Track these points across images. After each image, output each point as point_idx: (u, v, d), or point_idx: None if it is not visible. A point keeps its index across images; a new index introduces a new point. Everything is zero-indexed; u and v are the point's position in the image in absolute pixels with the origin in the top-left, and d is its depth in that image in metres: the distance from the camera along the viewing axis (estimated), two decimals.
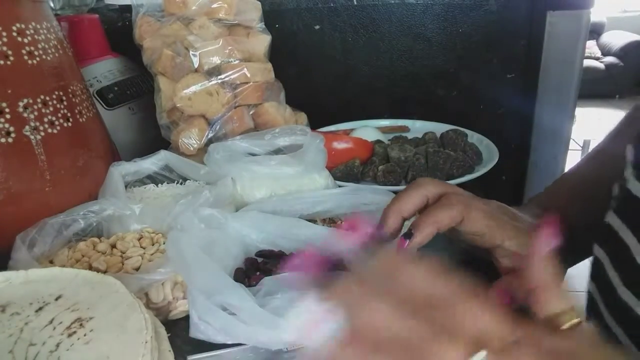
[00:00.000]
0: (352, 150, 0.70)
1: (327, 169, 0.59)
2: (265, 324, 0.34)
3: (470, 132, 0.76)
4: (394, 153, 0.68)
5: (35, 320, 0.32)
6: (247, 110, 0.66)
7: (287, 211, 0.51)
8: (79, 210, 0.49)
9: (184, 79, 0.62)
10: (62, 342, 0.30)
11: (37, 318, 0.32)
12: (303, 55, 0.88)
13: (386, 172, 0.65)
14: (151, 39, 0.64)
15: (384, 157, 0.70)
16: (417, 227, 0.36)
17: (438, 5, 0.81)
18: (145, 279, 0.40)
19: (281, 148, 0.60)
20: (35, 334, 0.31)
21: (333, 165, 0.66)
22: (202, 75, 0.63)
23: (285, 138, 0.59)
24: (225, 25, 0.65)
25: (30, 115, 0.48)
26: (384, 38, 0.86)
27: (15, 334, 0.31)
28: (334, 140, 0.70)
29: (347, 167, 0.67)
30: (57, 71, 0.52)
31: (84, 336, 0.31)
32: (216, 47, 0.63)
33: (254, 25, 0.67)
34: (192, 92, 0.62)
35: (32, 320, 0.32)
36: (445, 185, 0.40)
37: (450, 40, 0.84)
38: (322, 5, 0.84)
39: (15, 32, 0.47)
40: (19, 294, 0.34)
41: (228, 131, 0.65)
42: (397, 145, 0.70)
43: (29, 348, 0.30)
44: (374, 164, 0.68)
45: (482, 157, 0.72)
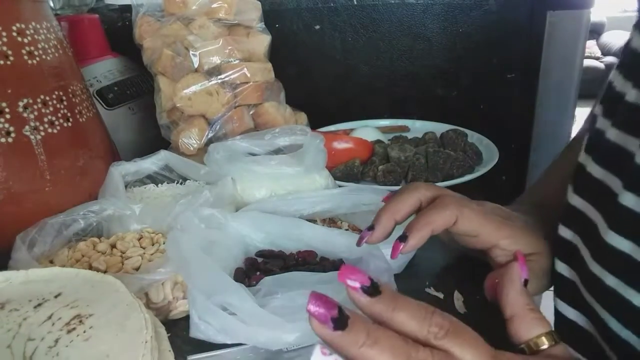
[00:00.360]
0: (352, 150, 0.70)
1: (327, 169, 0.59)
2: (265, 324, 0.34)
3: (470, 132, 0.76)
4: (394, 153, 0.68)
5: (33, 316, 0.32)
6: (247, 110, 0.66)
7: (287, 211, 0.51)
8: (79, 210, 0.49)
9: (184, 79, 0.62)
10: (61, 338, 0.30)
11: (35, 314, 0.32)
12: (303, 55, 0.88)
13: (386, 172, 0.65)
14: (151, 38, 0.64)
15: (384, 157, 0.70)
16: (411, 229, 0.36)
17: (438, 5, 0.81)
18: (145, 279, 0.40)
19: (281, 148, 0.60)
20: (34, 330, 0.31)
21: (333, 165, 0.66)
22: (202, 75, 0.63)
23: (285, 138, 0.59)
24: (225, 25, 0.65)
25: (30, 115, 0.48)
26: (384, 38, 0.86)
27: (13, 329, 0.31)
28: (334, 140, 0.70)
29: (347, 167, 0.67)
30: (57, 71, 0.52)
31: (83, 333, 0.30)
32: (216, 47, 0.63)
33: (254, 25, 0.67)
34: (192, 92, 0.62)
35: (30, 316, 0.32)
36: (439, 189, 0.41)
37: (450, 40, 0.84)
38: (322, 5, 0.84)
39: (15, 32, 0.47)
40: (19, 293, 0.34)
41: (228, 131, 0.64)
42: (397, 145, 0.70)
43: (27, 343, 0.30)
44: (374, 164, 0.68)
45: (482, 157, 0.72)
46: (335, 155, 0.67)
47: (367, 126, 0.82)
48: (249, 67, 0.64)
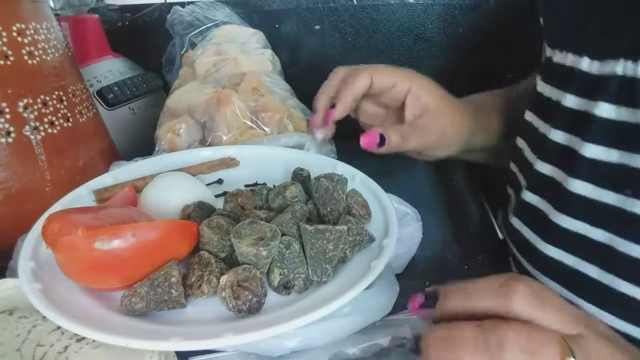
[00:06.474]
0: (144, 250, 0.32)
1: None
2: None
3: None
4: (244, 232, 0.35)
5: (43, 324, 0.32)
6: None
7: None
8: None
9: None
10: (71, 345, 0.30)
11: (45, 322, 0.32)
12: (303, 55, 0.88)
13: (236, 285, 0.33)
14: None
15: (220, 246, 0.36)
16: (337, 101, 0.45)
17: (438, 5, 0.81)
18: None
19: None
20: (43, 336, 0.31)
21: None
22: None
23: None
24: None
25: (30, 115, 0.48)
26: (384, 38, 0.85)
27: (22, 335, 0.31)
28: (99, 238, 0.30)
29: (152, 288, 0.32)
30: (57, 71, 0.52)
31: (92, 341, 0.31)
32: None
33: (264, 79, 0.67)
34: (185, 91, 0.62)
35: (40, 324, 0.32)
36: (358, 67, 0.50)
37: (450, 40, 0.84)
38: (322, 5, 0.84)
39: (15, 32, 0.47)
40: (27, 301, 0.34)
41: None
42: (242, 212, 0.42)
43: (36, 348, 0.30)
44: (208, 267, 0.34)
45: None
46: (104, 269, 0.31)
47: (170, 173, 0.47)
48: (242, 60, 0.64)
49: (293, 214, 0.39)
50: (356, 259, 0.38)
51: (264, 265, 0.35)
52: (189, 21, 0.72)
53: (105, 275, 0.32)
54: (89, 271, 0.31)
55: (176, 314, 0.33)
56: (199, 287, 0.33)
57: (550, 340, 0.23)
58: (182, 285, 0.32)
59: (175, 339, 0.28)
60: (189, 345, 0.28)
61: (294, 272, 0.35)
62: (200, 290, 0.33)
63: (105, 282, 0.33)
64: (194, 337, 0.29)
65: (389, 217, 0.41)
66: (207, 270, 0.34)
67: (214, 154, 0.55)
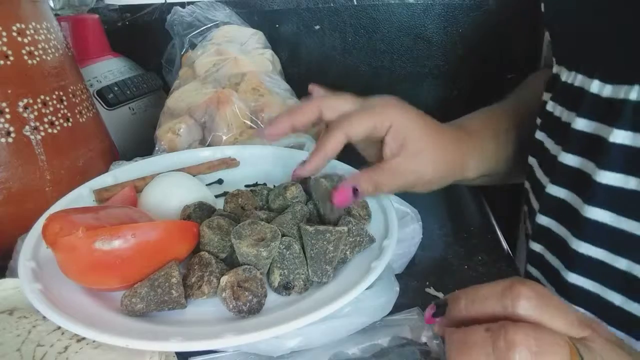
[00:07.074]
0: (146, 251, 0.32)
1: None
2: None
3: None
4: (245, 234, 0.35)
5: (43, 325, 0.32)
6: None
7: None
8: None
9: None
10: (71, 346, 0.30)
11: (44, 322, 0.32)
12: (303, 55, 0.88)
13: (236, 285, 0.33)
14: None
15: (220, 247, 0.37)
16: (308, 160, 0.39)
17: (438, 5, 0.81)
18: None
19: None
20: (43, 337, 0.31)
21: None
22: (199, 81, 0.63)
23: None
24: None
25: (30, 115, 0.48)
26: (384, 38, 0.85)
27: (22, 335, 0.31)
28: (99, 238, 0.30)
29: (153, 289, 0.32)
30: (57, 71, 0.52)
31: (92, 341, 0.31)
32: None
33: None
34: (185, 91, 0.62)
35: (40, 325, 0.32)
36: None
37: (450, 40, 0.84)
38: (322, 5, 0.84)
39: (15, 32, 0.47)
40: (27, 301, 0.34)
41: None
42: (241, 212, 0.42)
43: (36, 348, 0.30)
44: (208, 267, 0.35)
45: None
46: (104, 269, 0.31)
47: (170, 173, 0.48)
48: (241, 61, 0.64)
49: (293, 214, 0.39)
50: (356, 259, 0.38)
51: (264, 266, 0.35)
52: (189, 21, 0.73)
53: (105, 276, 0.32)
54: (89, 271, 0.31)
55: (176, 315, 0.33)
56: (199, 287, 0.33)
57: (559, 341, 0.23)
58: (182, 285, 0.32)
59: (175, 339, 0.28)
60: (189, 345, 0.28)
61: (294, 273, 0.35)
62: (201, 290, 0.33)
63: (105, 283, 0.33)
64: (194, 337, 0.29)
65: (389, 217, 0.41)
66: (208, 270, 0.34)
67: (214, 154, 0.55)
